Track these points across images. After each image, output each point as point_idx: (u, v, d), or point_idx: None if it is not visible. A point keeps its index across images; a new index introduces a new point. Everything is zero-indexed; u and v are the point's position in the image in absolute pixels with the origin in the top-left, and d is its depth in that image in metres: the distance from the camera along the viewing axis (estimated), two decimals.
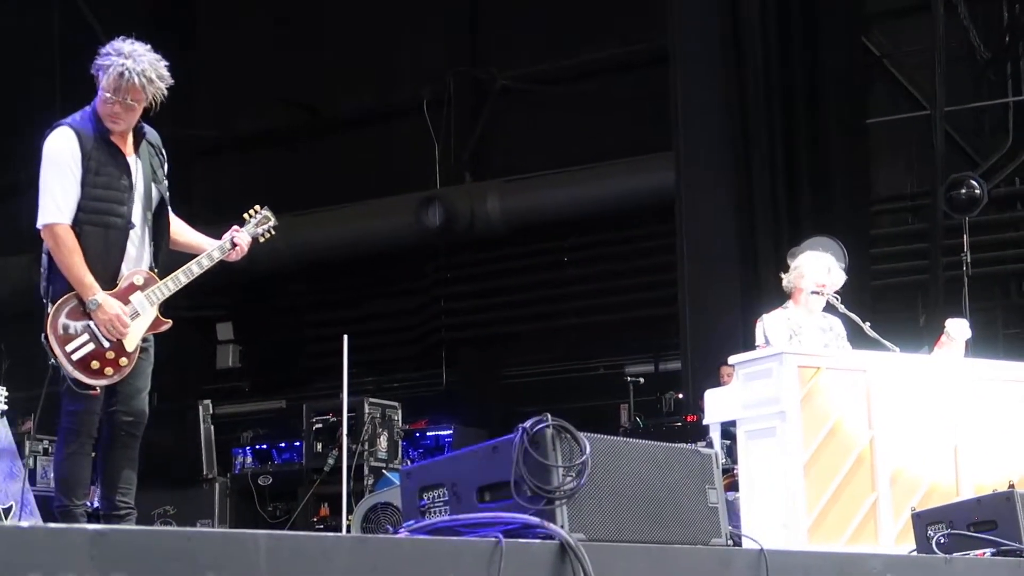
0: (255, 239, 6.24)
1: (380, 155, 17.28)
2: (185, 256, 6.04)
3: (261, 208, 6.30)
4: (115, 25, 6.48)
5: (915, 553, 6.09)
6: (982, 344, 9.54)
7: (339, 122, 17.81)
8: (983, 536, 5.82)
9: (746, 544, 4.76)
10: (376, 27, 17.34)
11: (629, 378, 12.27)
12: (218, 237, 6.16)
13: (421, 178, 16.83)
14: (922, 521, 6.11)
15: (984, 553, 5.78)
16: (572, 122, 16.29)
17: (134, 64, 5.67)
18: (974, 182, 12.70)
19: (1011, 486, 6.23)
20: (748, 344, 8.60)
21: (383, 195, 16.74)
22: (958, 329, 7.84)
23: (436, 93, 16.98)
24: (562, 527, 3.95)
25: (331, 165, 17.59)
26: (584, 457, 4.10)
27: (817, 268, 8.13)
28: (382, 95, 17.31)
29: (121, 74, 5.67)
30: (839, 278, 8.18)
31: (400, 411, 11.45)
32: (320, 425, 11.14)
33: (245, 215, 6.22)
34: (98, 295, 5.66)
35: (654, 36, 14.35)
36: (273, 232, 6.30)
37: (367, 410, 11.01)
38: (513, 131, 16.96)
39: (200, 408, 11.11)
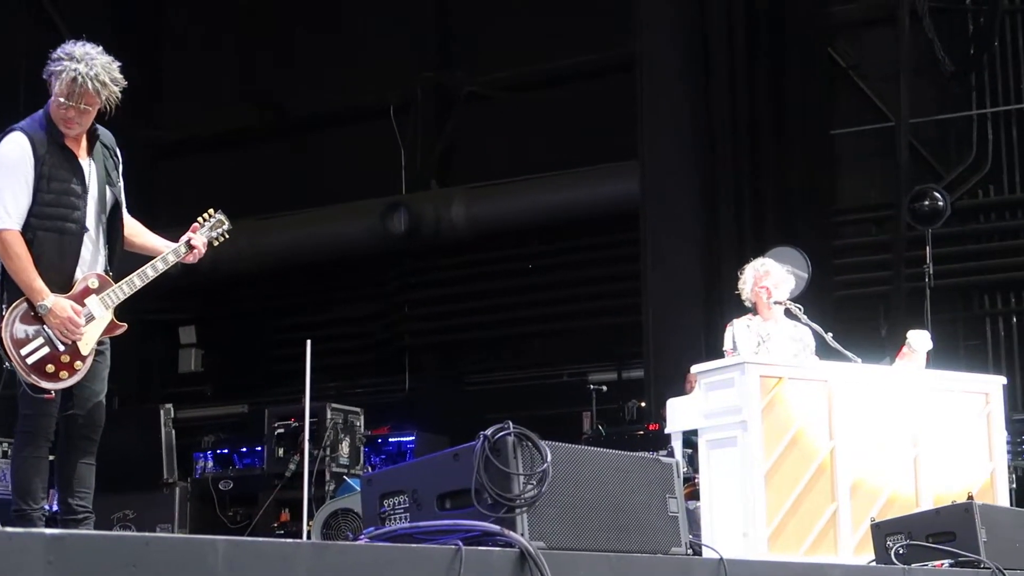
0: (209, 243, 6.21)
1: (346, 160, 17.26)
2: (141, 259, 6.01)
3: (215, 212, 6.28)
4: (79, 26, 6.46)
5: (874, 563, 6.12)
6: (943, 355, 9.60)
7: (305, 126, 17.78)
8: (941, 547, 5.86)
9: (706, 553, 4.78)
10: (343, 31, 17.33)
11: (592, 386, 12.27)
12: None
13: (387, 183, 16.81)
14: (881, 531, 6.15)
15: (942, 564, 5.82)
16: (538, 129, 16.32)
17: (87, 69, 5.64)
18: (937, 194, 12.79)
19: (970, 497, 6.29)
20: (711, 352, 8.63)
21: (348, 200, 16.71)
22: (919, 340, 7.88)
23: (403, 98, 16.97)
24: (522, 535, 3.96)
25: (296, 169, 17.56)
26: (545, 465, 4.11)
27: (751, 273, 8.22)
28: (348, 99, 17.29)
29: (74, 79, 5.64)
30: (784, 279, 8.22)
31: (363, 417, 11.41)
32: (282, 430, 11.09)
33: (199, 219, 6.20)
34: (47, 299, 5.63)
35: (621, 45, 14.38)
36: (227, 235, 6.28)
37: (329, 415, 10.97)
38: (479, 138, 16.97)
39: (161, 412, 11.05)
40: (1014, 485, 10.12)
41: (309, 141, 17.72)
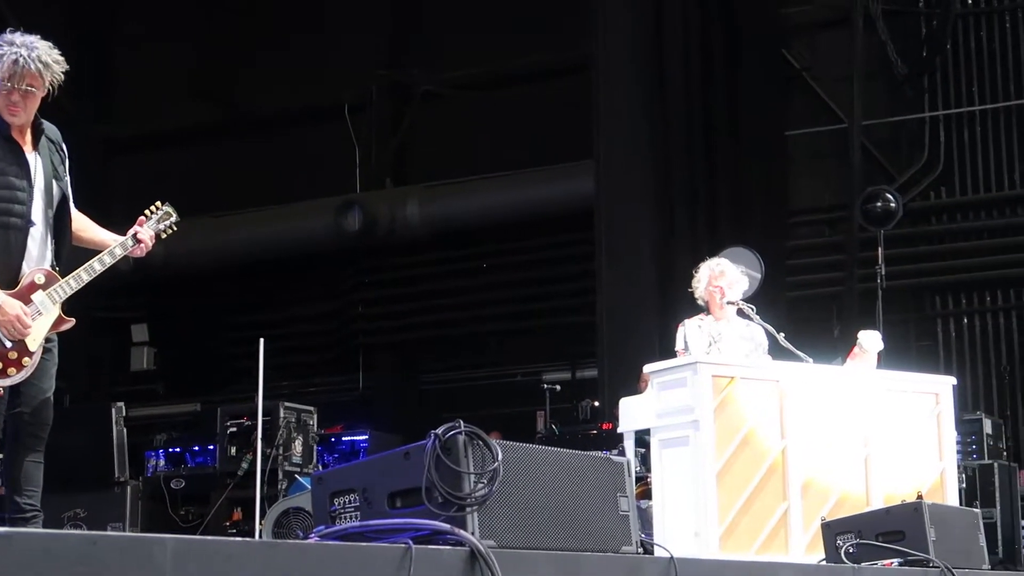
0: (156, 236, 6.16)
1: (301, 158, 17.21)
2: (89, 253, 5.97)
3: (163, 204, 6.23)
4: (33, 23, 6.41)
5: (824, 563, 6.16)
6: (894, 356, 9.67)
7: (260, 123, 17.70)
8: (891, 546, 5.91)
9: (657, 552, 4.79)
10: (299, 28, 17.27)
11: (546, 385, 12.28)
12: None
13: (342, 182, 16.78)
14: (832, 531, 6.19)
15: (892, 563, 5.87)
16: (494, 128, 16.33)
17: (28, 51, 5.62)
18: (890, 195, 12.87)
19: (919, 497, 6.32)
20: (665, 352, 8.65)
21: (303, 198, 16.67)
22: (871, 341, 7.92)
23: (358, 96, 16.94)
24: (472, 534, 3.95)
25: (251, 166, 17.48)
26: (496, 464, 4.11)
27: (705, 273, 8.24)
28: (304, 97, 17.23)
29: (15, 60, 5.61)
30: (738, 280, 8.25)
31: (316, 416, 11.38)
32: (234, 429, 11.04)
33: (146, 212, 6.15)
34: None
35: (577, 45, 14.40)
36: (175, 228, 6.23)
37: (282, 414, 10.93)
38: (435, 136, 16.95)
39: (113, 410, 10.97)
40: (963, 485, 10.23)
41: (264, 138, 17.65)
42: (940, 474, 7.62)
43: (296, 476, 10.62)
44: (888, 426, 7.52)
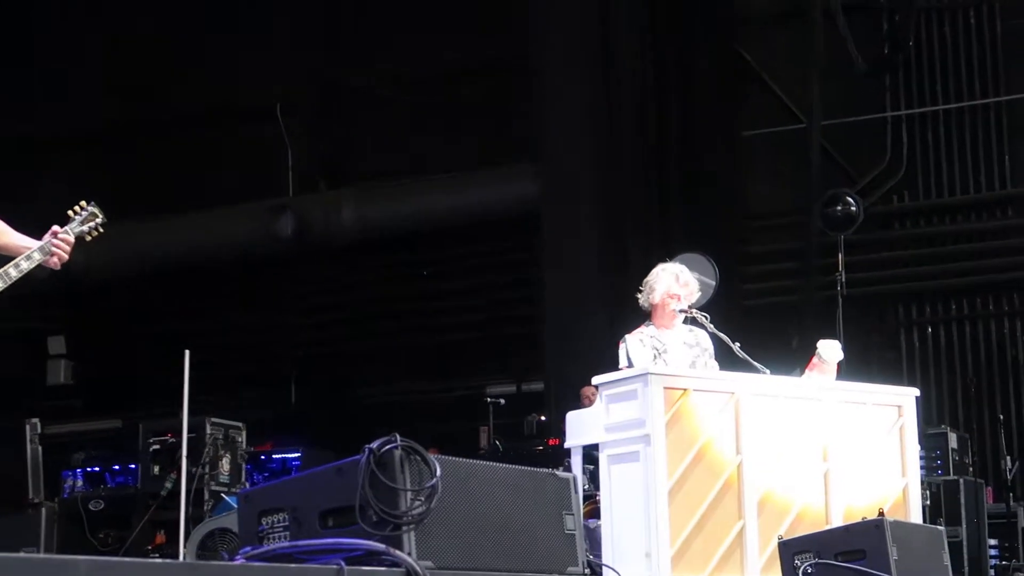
0: (80, 239, 6.08)
1: (230, 159, 17.11)
2: (2, 260, 5.89)
3: (88, 204, 6.15)
4: None
5: None
6: (856, 367, 9.72)
7: (187, 123, 17.57)
8: (851, 566, 5.92)
9: (605, 573, 4.79)
10: (228, 25, 17.17)
11: (489, 399, 12.27)
12: None
13: (273, 184, 16.70)
14: (789, 550, 6.20)
15: None
16: (433, 129, 16.29)
17: None
18: (850, 199, 12.94)
19: (881, 513, 6.34)
20: (616, 363, 8.64)
21: (232, 202, 16.57)
22: (830, 351, 7.94)
23: (290, 96, 16.87)
24: (409, 554, 3.93)
25: (176, 169, 17.36)
26: (434, 480, 4.10)
27: (665, 279, 8.16)
28: (233, 96, 17.13)
29: None
30: (693, 288, 8.22)
31: (244, 432, 11.33)
32: (157, 446, 10.97)
33: (69, 212, 6.07)
34: None
35: (519, 43, 14.39)
36: (101, 230, 6.15)
37: (209, 430, 10.88)
38: (371, 137, 16.90)
39: (27, 427, 10.87)
40: (927, 502, 10.29)
41: (191, 140, 17.51)
42: (903, 490, 7.65)
43: (223, 496, 10.55)
44: (849, 440, 7.54)
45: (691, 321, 8.16)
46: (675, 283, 8.10)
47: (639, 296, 8.24)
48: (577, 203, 13.06)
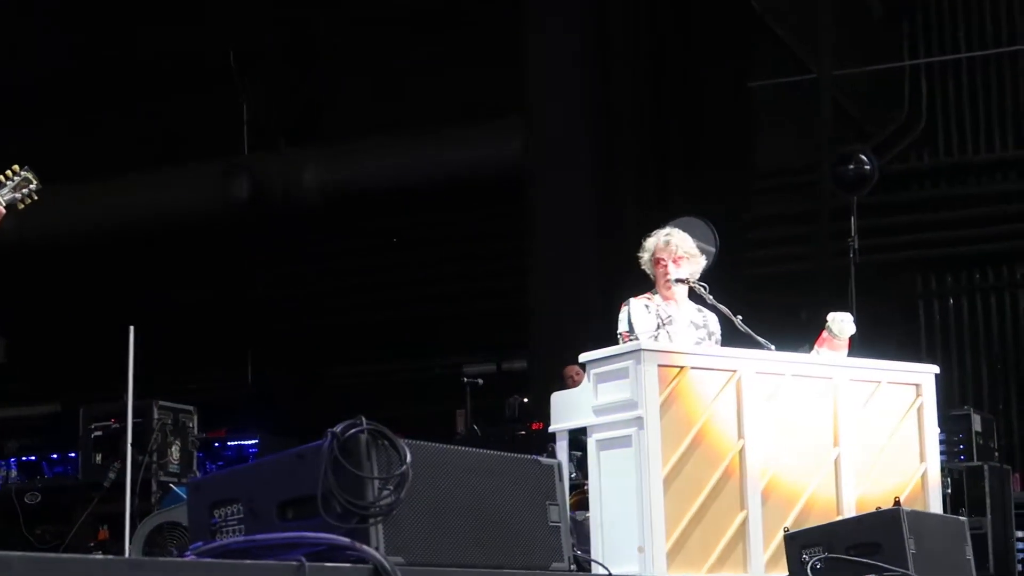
0: (12, 206, 6.09)
1: (180, 116, 17.08)
2: None
3: (21, 169, 6.15)
4: None
5: None
6: (869, 341, 9.74)
7: (131, 76, 17.52)
8: (864, 560, 5.95)
9: (594, 569, 4.81)
10: None
11: (467, 379, 12.29)
12: None
13: (227, 143, 16.68)
14: (796, 543, 6.23)
15: None
16: (407, 80, 16.26)
17: None
18: (864, 157, 12.94)
19: (897, 503, 6.37)
20: (609, 340, 8.65)
21: (180, 162, 16.55)
22: (841, 324, 7.97)
23: (246, 45, 16.82)
24: (377, 549, 3.95)
25: (120, 127, 17.33)
26: (404, 468, 4.11)
27: (650, 245, 8.15)
28: (184, 46, 17.07)
29: None
30: (689, 254, 8.20)
31: (196, 417, 11.34)
32: (100, 433, 10.98)
33: (0, 176, 6.07)
34: None
35: None
36: (35, 197, 6.16)
37: (156, 415, 10.89)
38: (338, 91, 16.89)
39: None
40: (948, 490, 10.33)
41: (137, 94, 17.47)
42: (921, 477, 7.68)
43: (172, 487, 10.57)
44: (862, 422, 7.57)
45: (692, 296, 8.18)
46: (658, 247, 8.09)
47: (641, 260, 8.26)
48: (567, 161, 13.06)
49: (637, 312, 8.08)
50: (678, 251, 8.13)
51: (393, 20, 16.38)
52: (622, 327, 8.10)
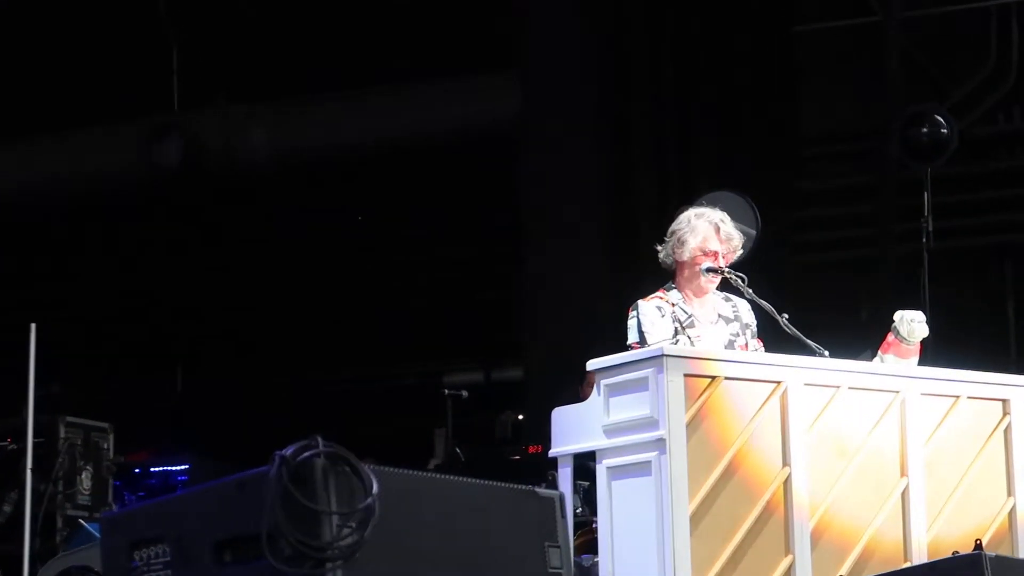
0: None
1: (92, 66, 17.08)
2: None
3: None
4: None
5: None
6: (946, 346, 9.76)
7: (34, 14, 17.53)
8: None
9: None
10: None
11: (448, 390, 12.31)
12: None
13: (151, 98, 16.70)
14: None
15: None
16: (374, 25, 16.27)
17: None
18: (940, 118, 12.96)
19: (978, 545, 6.37)
20: (620, 341, 8.65)
21: (95, 122, 16.57)
22: (911, 326, 7.98)
23: None
24: None
25: (21, 80, 17.35)
26: (369, 500, 4.12)
27: (702, 229, 8.12)
28: None
29: None
30: (736, 244, 8.21)
31: (112, 436, 11.37)
32: None
33: None
34: None
35: None
36: None
37: (63, 434, 10.92)
38: (290, 37, 16.90)
39: None
40: None
41: (42, 39, 17.49)
42: (1008, 514, 7.70)
43: (82, 523, 10.59)
44: (937, 447, 7.59)
45: (726, 287, 8.17)
46: (714, 236, 8.04)
47: (660, 249, 8.21)
48: (571, 123, 13.09)
49: (649, 317, 8.04)
50: (732, 241, 8.09)
51: None
52: (632, 337, 8.06)
